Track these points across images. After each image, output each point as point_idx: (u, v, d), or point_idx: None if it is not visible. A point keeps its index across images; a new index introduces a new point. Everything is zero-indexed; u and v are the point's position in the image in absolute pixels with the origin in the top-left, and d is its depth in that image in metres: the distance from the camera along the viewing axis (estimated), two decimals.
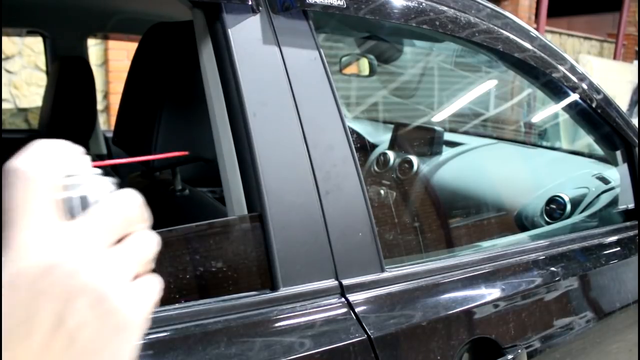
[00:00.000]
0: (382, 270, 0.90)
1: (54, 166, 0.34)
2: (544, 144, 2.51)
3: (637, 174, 1.48)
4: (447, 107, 2.64)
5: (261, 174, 0.79)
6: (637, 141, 1.45)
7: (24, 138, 2.28)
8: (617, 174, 1.57)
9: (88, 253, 0.32)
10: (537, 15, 7.79)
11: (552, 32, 8.88)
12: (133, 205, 0.36)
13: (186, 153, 1.01)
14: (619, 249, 1.35)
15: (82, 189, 0.35)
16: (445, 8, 1.09)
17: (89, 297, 0.32)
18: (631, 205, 1.49)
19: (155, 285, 0.36)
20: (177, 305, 0.71)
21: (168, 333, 0.68)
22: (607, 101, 1.38)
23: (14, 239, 0.32)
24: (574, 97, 1.35)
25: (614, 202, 1.55)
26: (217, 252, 0.77)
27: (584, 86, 1.33)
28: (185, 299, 0.73)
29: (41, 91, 3.04)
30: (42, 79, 3.72)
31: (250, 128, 0.80)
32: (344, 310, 0.83)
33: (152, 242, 0.36)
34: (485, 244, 1.32)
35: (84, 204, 0.35)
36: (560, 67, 1.28)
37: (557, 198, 1.62)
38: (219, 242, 0.78)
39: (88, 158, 0.37)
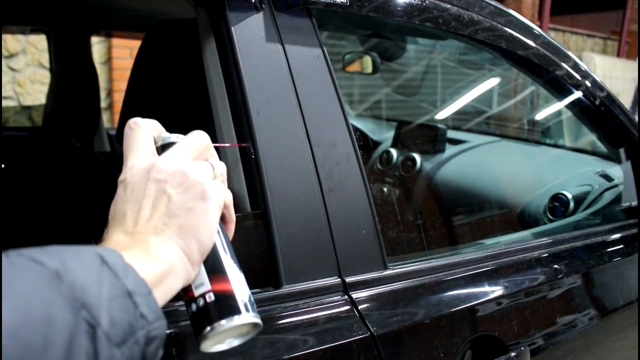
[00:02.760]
0: (385, 268, 0.90)
1: (152, 124, 0.57)
2: (547, 141, 2.51)
3: None
4: (450, 105, 2.64)
5: (264, 172, 0.79)
6: None
7: (27, 136, 2.29)
8: (621, 172, 1.57)
9: (175, 157, 0.53)
10: (540, 12, 7.77)
11: (555, 29, 8.86)
12: (204, 138, 0.57)
13: None
14: (622, 246, 1.35)
15: (169, 137, 0.58)
16: (448, 5, 1.09)
17: (178, 177, 0.51)
18: (634, 203, 1.49)
19: (224, 189, 0.56)
20: (180, 303, 0.71)
21: (171, 330, 0.68)
22: (611, 99, 1.38)
23: (128, 162, 0.53)
24: (577, 94, 1.35)
25: (617, 199, 1.55)
26: None
27: (588, 84, 1.32)
28: None
29: (45, 89, 3.05)
30: (45, 77, 3.72)
31: (254, 125, 0.80)
32: (347, 307, 0.83)
33: (219, 163, 0.58)
34: (488, 241, 1.32)
35: (172, 144, 0.56)
36: (564, 65, 1.28)
37: (560, 195, 1.62)
38: None
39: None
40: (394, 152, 2.09)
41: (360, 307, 0.84)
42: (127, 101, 1.28)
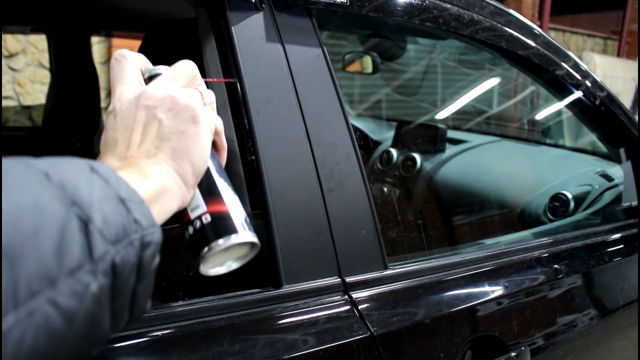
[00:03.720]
0: (385, 268, 0.90)
1: (138, 57, 0.57)
2: (547, 141, 2.51)
3: None
4: (450, 105, 2.64)
5: (264, 172, 0.79)
6: None
7: (27, 136, 2.29)
8: (621, 172, 1.57)
9: (164, 84, 0.53)
10: (540, 12, 7.76)
11: (555, 29, 8.85)
12: (191, 67, 0.57)
13: None
14: (622, 246, 1.35)
15: (156, 69, 0.58)
16: (448, 5, 1.09)
17: (168, 102, 0.51)
18: (634, 203, 1.49)
19: (214, 115, 0.57)
20: (180, 303, 0.71)
21: (171, 330, 0.68)
22: (611, 98, 1.38)
23: (116, 92, 0.53)
24: (577, 94, 1.35)
25: (617, 199, 1.55)
26: None
27: (588, 83, 1.32)
28: (189, 296, 0.74)
29: (45, 89, 3.05)
30: (46, 77, 3.72)
31: (254, 125, 0.80)
32: (347, 307, 0.83)
33: (207, 91, 0.58)
34: (489, 241, 1.32)
35: (159, 75, 0.56)
36: (564, 65, 1.28)
37: (561, 195, 1.62)
38: None
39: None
40: (394, 152, 2.09)
41: (360, 307, 0.84)
42: None
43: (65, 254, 0.35)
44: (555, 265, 1.14)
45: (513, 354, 0.96)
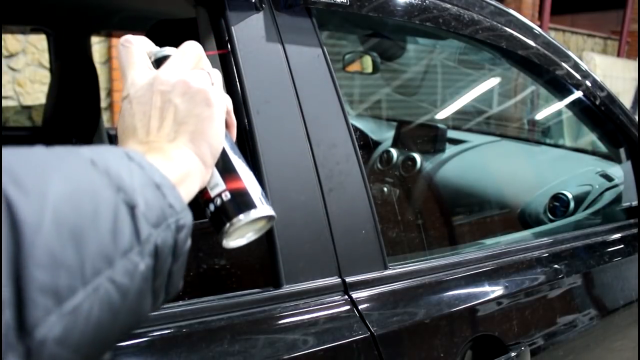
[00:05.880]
0: (386, 268, 0.90)
1: (143, 40, 0.58)
2: (548, 141, 2.50)
3: None
4: (450, 105, 2.64)
5: (264, 172, 0.79)
6: None
7: (27, 136, 2.29)
8: (621, 172, 1.57)
9: (174, 68, 0.54)
10: (540, 12, 7.77)
11: (555, 29, 8.85)
12: (197, 49, 0.58)
13: None
14: (622, 246, 1.35)
15: (162, 51, 0.59)
16: (448, 5, 1.09)
17: (181, 86, 0.52)
18: (634, 203, 1.49)
19: (224, 94, 0.57)
20: (180, 303, 0.72)
21: (171, 330, 0.68)
22: (611, 98, 1.38)
23: (128, 78, 0.54)
24: (577, 94, 1.35)
25: (617, 199, 1.55)
26: (220, 250, 0.77)
27: (588, 83, 1.32)
28: (189, 296, 0.74)
29: (45, 89, 3.05)
30: (45, 77, 3.72)
31: (254, 125, 0.80)
32: (347, 307, 0.83)
33: (214, 71, 0.58)
34: (489, 241, 1.32)
35: (166, 57, 0.57)
36: (564, 65, 1.28)
37: (561, 195, 1.62)
38: None
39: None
40: (394, 152, 2.09)
41: (360, 307, 0.84)
42: None
43: (119, 236, 0.38)
44: (555, 265, 1.14)
45: (513, 354, 0.96)
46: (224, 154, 0.56)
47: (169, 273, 0.43)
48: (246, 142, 0.81)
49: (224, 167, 0.56)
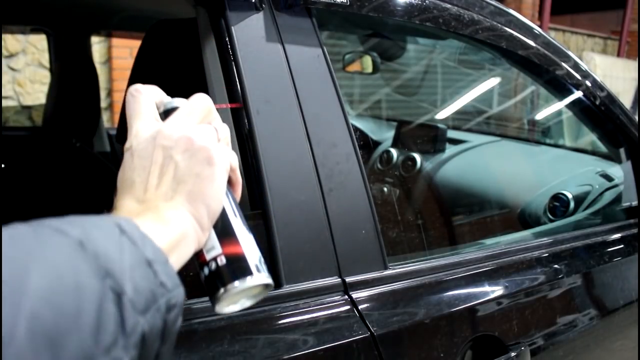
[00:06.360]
0: (385, 268, 0.90)
1: (153, 90, 0.56)
2: (548, 141, 2.50)
3: None
4: (450, 105, 2.64)
5: (264, 172, 0.79)
6: None
7: (27, 136, 2.29)
8: (621, 172, 1.57)
9: (179, 123, 0.52)
10: (540, 12, 7.76)
11: (555, 29, 8.85)
12: (207, 102, 0.56)
13: None
14: (622, 246, 1.35)
15: (171, 102, 0.56)
16: (448, 5, 1.09)
17: (184, 142, 0.51)
18: (634, 203, 1.49)
19: (229, 152, 0.56)
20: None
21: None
22: (611, 98, 1.38)
23: (132, 129, 0.53)
24: (577, 94, 1.35)
25: (617, 199, 1.55)
26: None
27: (588, 83, 1.32)
28: (189, 296, 0.74)
29: (45, 89, 3.05)
30: (45, 77, 3.72)
31: (254, 125, 0.80)
32: (347, 307, 0.83)
33: (222, 125, 0.56)
34: (489, 241, 1.32)
35: (174, 109, 0.55)
36: (564, 65, 1.28)
37: (561, 195, 1.62)
38: None
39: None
40: (394, 152, 2.09)
41: (360, 307, 0.84)
42: None
43: (102, 332, 0.36)
44: (555, 265, 1.14)
45: (513, 354, 0.96)
46: (223, 215, 0.54)
47: (156, 355, 0.42)
48: (246, 142, 0.81)
49: (222, 229, 0.54)
